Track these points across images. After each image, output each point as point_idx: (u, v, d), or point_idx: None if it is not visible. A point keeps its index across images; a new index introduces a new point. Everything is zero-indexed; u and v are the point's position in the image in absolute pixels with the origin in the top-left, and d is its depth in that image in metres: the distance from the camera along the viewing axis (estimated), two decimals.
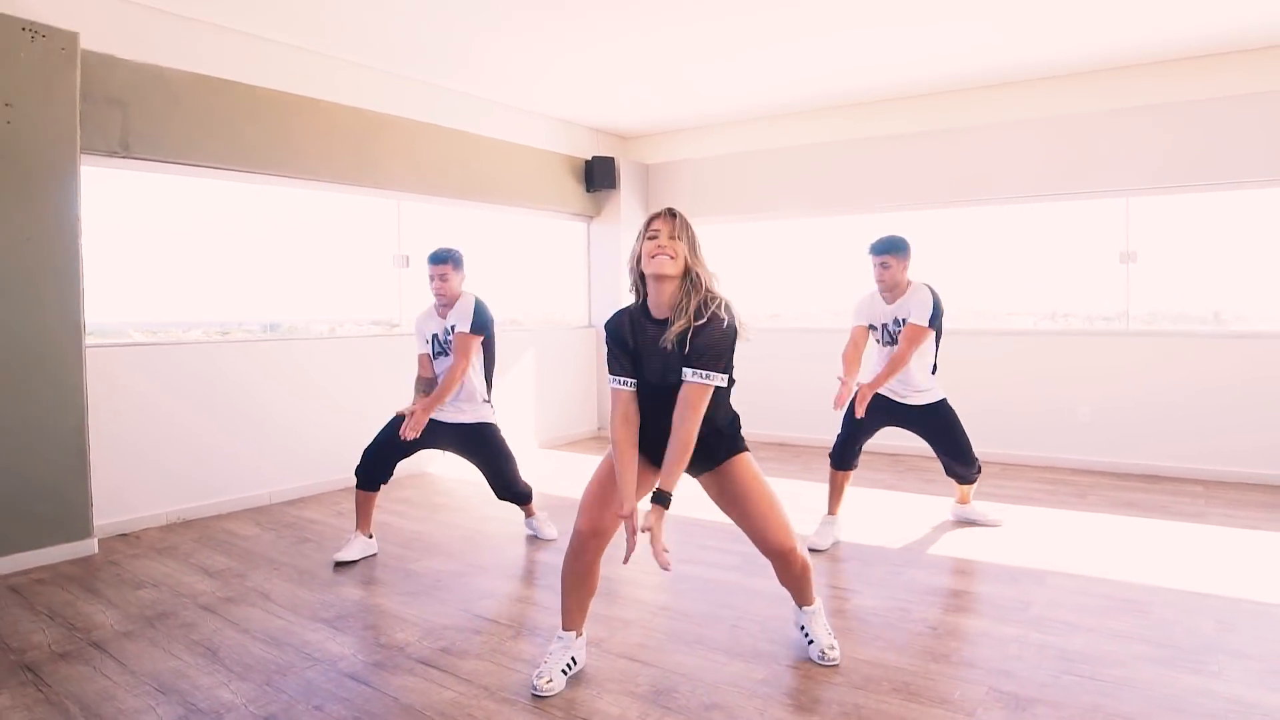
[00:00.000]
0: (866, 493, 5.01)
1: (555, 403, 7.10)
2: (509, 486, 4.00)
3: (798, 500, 4.57)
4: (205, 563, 3.80)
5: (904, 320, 3.91)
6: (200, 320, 4.96)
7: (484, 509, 4.84)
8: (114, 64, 4.19)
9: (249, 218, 5.11)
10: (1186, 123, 5.35)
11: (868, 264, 4.01)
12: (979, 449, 5.82)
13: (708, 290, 2.41)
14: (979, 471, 4.20)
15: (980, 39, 5.09)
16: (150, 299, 4.68)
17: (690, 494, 2.76)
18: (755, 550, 2.64)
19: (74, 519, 3.86)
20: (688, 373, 2.36)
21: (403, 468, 3.99)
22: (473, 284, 4.00)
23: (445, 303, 3.89)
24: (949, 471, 4.18)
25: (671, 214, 2.45)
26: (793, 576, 2.63)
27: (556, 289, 7.56)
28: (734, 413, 2.63)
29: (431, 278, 3.86)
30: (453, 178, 6.09)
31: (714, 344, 2.36)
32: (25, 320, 3.70)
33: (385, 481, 3.86)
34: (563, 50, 5.26)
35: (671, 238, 2.40)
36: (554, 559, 3.87)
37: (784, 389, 6.58)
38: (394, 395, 4.27)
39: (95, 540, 3.94)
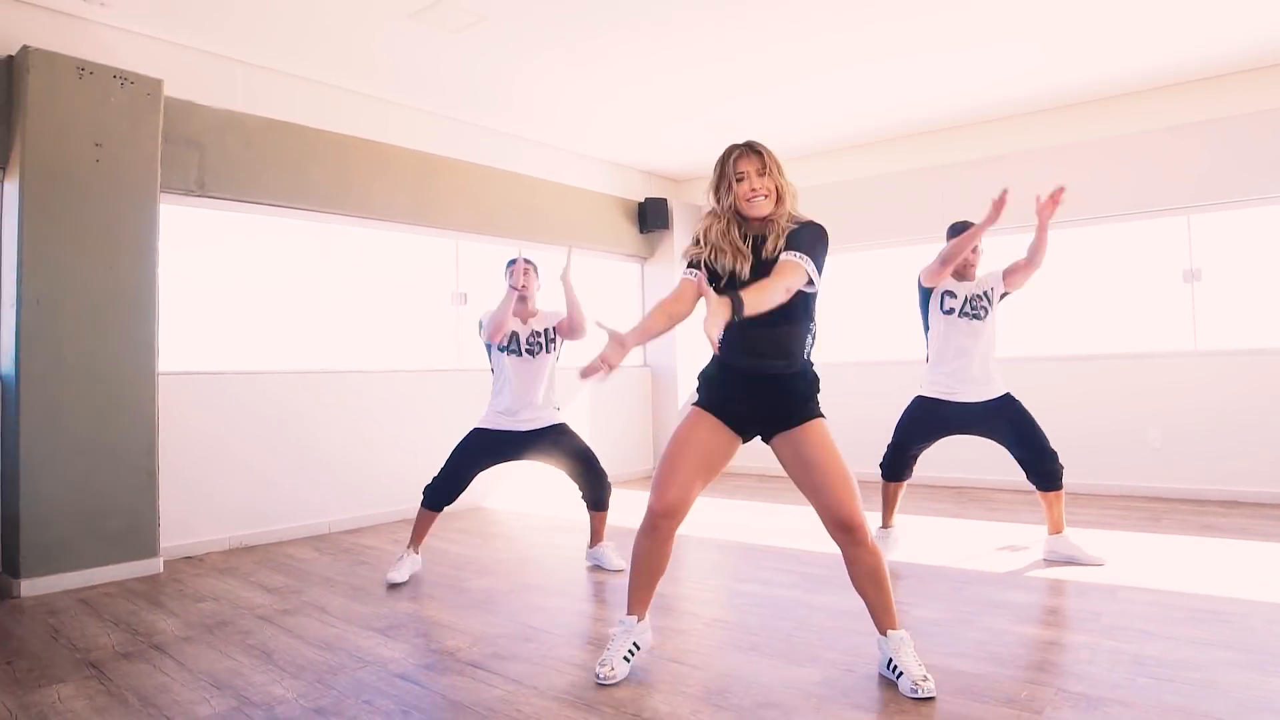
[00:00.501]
0: (927, 520, 4.87)
1: (611, 442, 7.09)
2: (600, 479, 3.96)
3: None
4: (264, 581, 3.86)
5: (989, 297, 3.80)
6: (262, 358, 5.11)
7: (537, 537, 4.84)
8: (193, 109, 4.47)
9: (314, 258, 5.32)
10: (1242, 137, 5.23)
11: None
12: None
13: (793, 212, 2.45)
14: (1062, 468, 3.80)
15: (1029, 63, 5.11)
16: (215, 335, 4.86)
17: (748, 520, 2.73)
18: (814, 569, 2.59)
19: (142, 538, 3.98)
20: (785, 254, 2.32)
21: (459, 501, 4.01)
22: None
23: (524, 303, 3.93)
24: (1033, 473, 3.77)
25: (753, 149, 2.43)
26: (865, 569, 2.39)
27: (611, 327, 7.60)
28: (816, 372, 2.54)
29: (518, 272, 3.86)
30: (510, 218, 6.25)
31: (811, 239, 2.35)
32: (105, 345, 3.90)
33: (450, 502, 3.89)
34: (608, 86, 5.42)
35: (761, 174, 2.39)
36: (608, 578, 3.84)
37: (853, 423, 6.43)
38: (451, 430, 4.34)
39: (161, 560, 4.05)
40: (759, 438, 2.56)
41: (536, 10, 4.23)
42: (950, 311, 3.79)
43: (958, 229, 3.80)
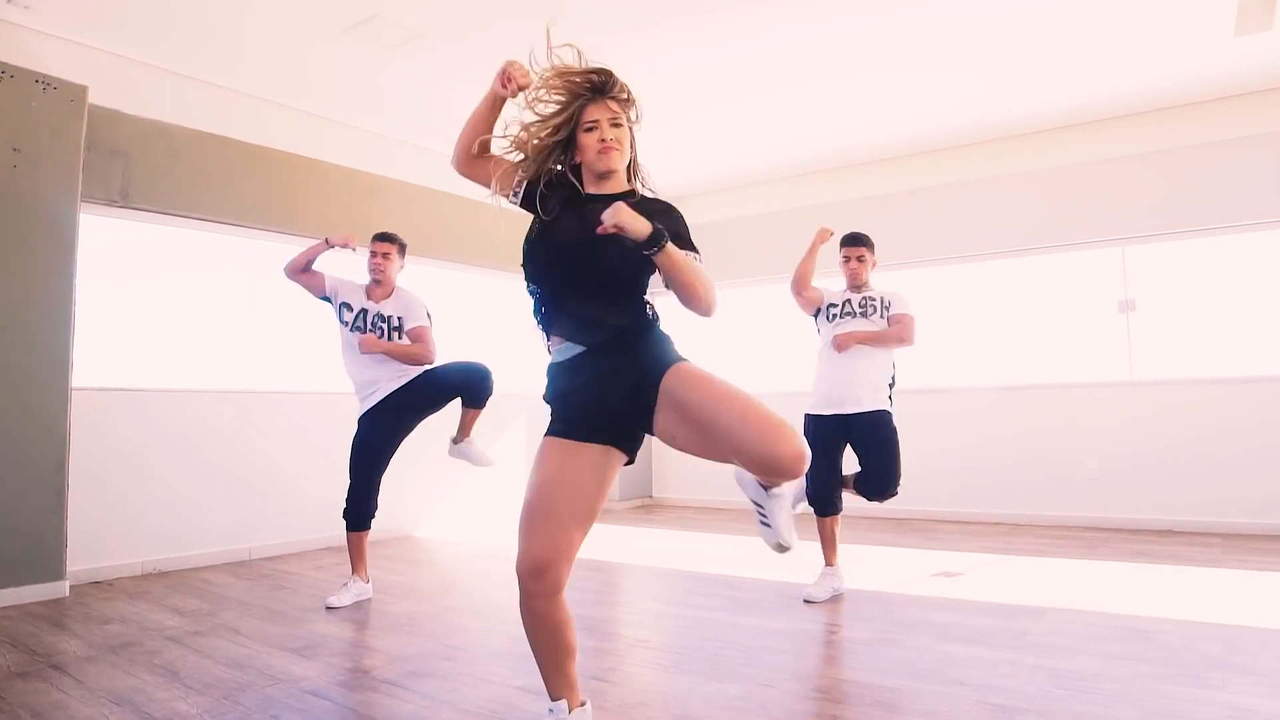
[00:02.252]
0: (865, 549, 4.87)
1: None
2: (475, 375, 3.78)
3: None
4: (177, 604, 3.70)
5: (883, 303, 3.84)
6: (185, 376, 4.95)
7: (465, 564, 4.74)
8: (118, 118, 4.36)
9: (241, 274, 5.20)
10: (1177, 169, 5.42)
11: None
12: (981, 510, 5.73)
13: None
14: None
15: (965, 94, 5.26)
16: (137, 352, 4.70)
17: (682, 548, 2.69)
18: (744, 594, 2.51)
19: (47, 560, 3.78)
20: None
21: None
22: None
23: (379, 284, 3.88)
24: (869, 491, 3.76)
25: (603, 85, 1.95)
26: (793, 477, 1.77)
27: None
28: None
29: (373, 253, 3.84)
30: (445, 238, 6.12)
31: (684, 230, 1.93)
32: (14, 357, 3.74)
33: (370, 513, 3.75)
34: None
35: (616, 125, 1.94)
36: None
37: None
38: None
39: (67, 584, 3.85)
40: (638, 431, 1.95)
41: (473, 30, 4.25)
42: (832, 319, 3.90)
43: (842, 240, 3.99)
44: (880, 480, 3.71)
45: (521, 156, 2.02)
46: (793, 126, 5.84)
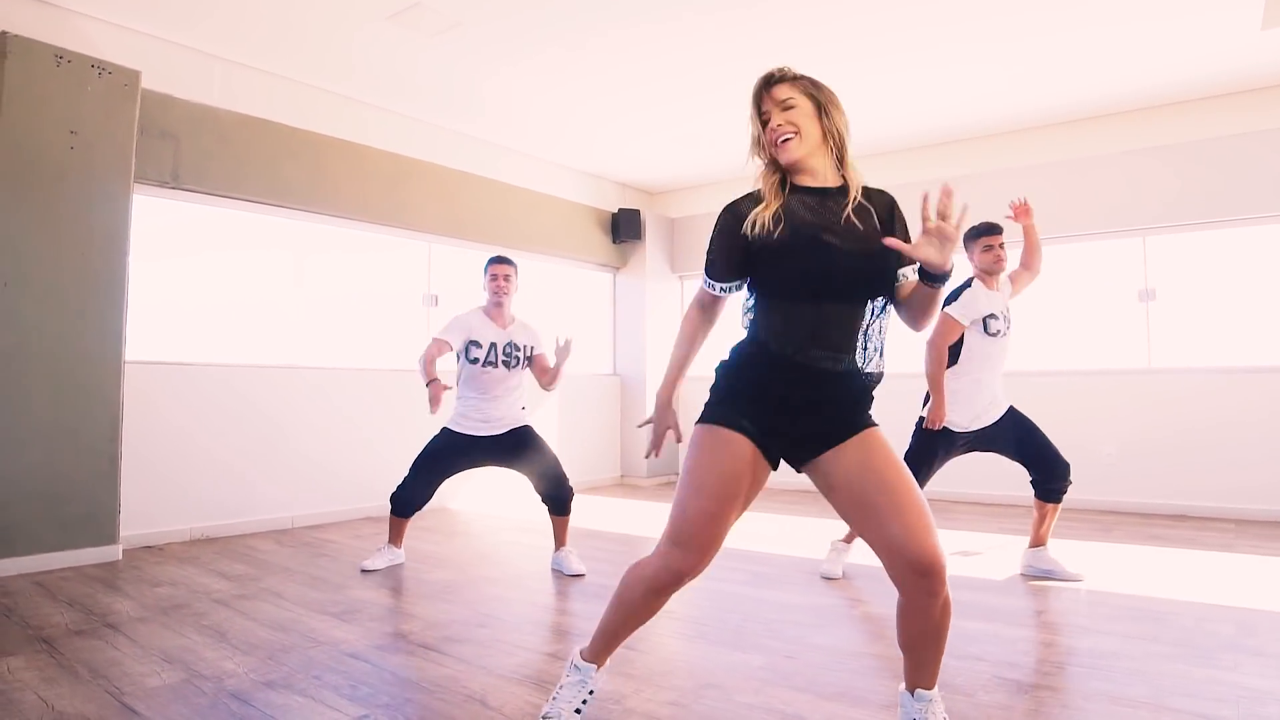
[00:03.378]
0: None
1: (579, 449, 7.15)
2: (561, 481, 3.92)
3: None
4: (224, 569, 3.87)
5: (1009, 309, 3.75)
6: (231, 351, 5.13)
7: (500, 535, 4.87)
8: (169, 102, 4.52)
9: (287, 254, 5.36)
10: (1197, 161, 5.43)
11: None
12: (1002, 493, 5.77)
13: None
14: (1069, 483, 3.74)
15: (990, 87, 5.28)
16: (188, 327, 4.88)
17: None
18: (767, 569, 2.57)
19: (101, 525, 3.97)
20: (908, 271, 1.80)
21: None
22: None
23: (500, 307, 3.92)
24: (1042, 487, 3.72)
25: (773, 80, 1.89)
26: (932, 623, 1.75)
27: (582, 337, 7.68)
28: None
29: (494, 277, 3.89)
30: (481, 223, 6.32)
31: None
32: (72, 330, 3.91)
33: (417, 509, 3.93)
34: (582, 97, 5.53)
35: (786, 108, 1.86)
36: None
37: None
38: (418, 431, 4.38)
39: (120, 547, 4.05)
40: (787, 461, 1.90)
41: (511, 19, 4.34)
42: (997, 334, 3.71)
43: (979, 230, 3.74)
44: (1055, 462, 3.69)
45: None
46: None
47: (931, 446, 3.63)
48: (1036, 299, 6.13)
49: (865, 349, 1.83)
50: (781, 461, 1.90)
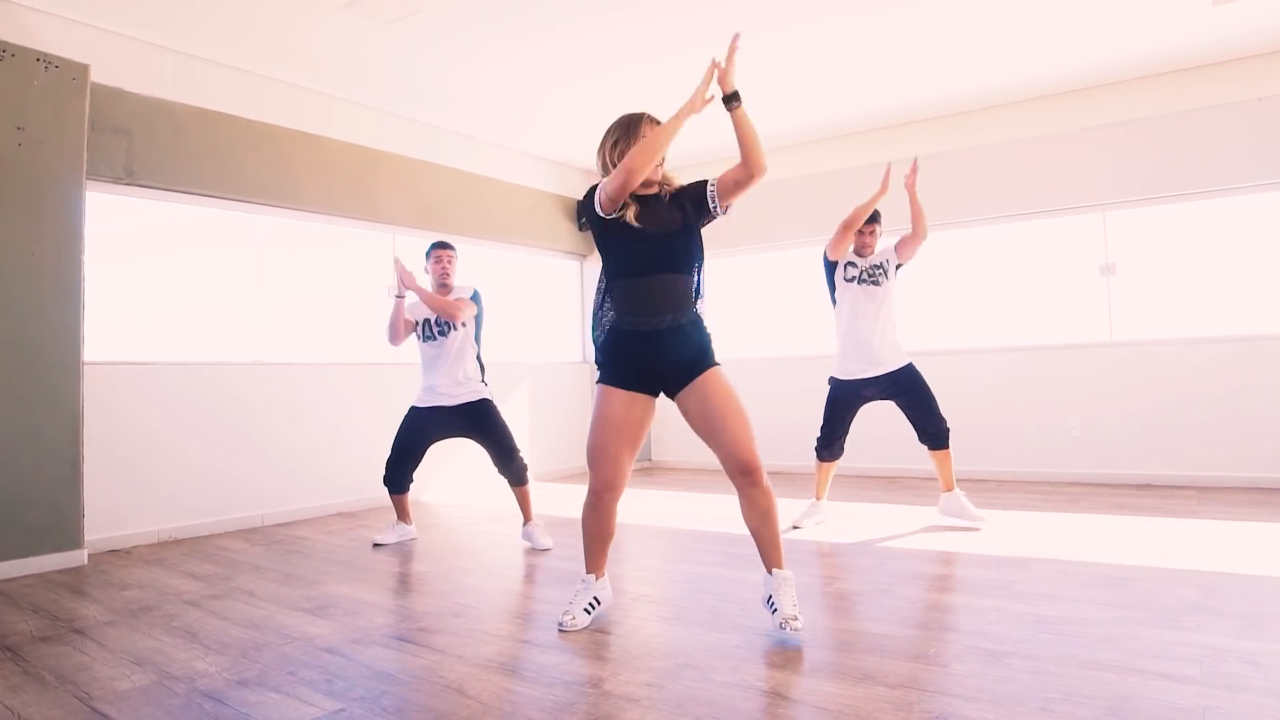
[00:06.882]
0: (857, 505, 5.01)
1: (550, 437, 7.13)
2: (512, 455, 4.17)
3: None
4: (193, 570, 3.82)
5: (889, 264, 4.26)
6: (195, 349, 5.05)
7: (474, 526, 4.85)
8: (121, 96, 4.41)
9: (249, 249, 5.27)
10: (1155, 136, 5.51)
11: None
12: (970, 467, 5.87)
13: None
14: (949, 430, 4.22)
15: (950, 66, 5.31)
16: (149, 326, 4.79)
17: (682, 508, 2.79)
18: (743, 550, 2.70)
19: (65, 530, 3.89)
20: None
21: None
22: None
23: (445, 287, 4.23)
24: (924, 435, 4.22)
25: (655, 120, 2.92)
26: (760, 509, 2.61)
27: (550, 326, 7.67)
28: (706, 325, 2.77)
29: (439, 259, 4.22)
30: (447, 213, 6.27)
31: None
32: (26, 333, 3.82)
33: (409, 477, 4.25)
34: (546, 86, 5.49)
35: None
36: (539, 559, 3.88)
37: (788, 418, 6.58)
38: (388, 423, 4.36)
39: (85, 552, 3.97)
40: (664, 394, 2.73)
41: (469, 5, 4.28)
42: (852, 280, 4.24)
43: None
44: (935, 421, 4.16)
45: None
46: (784, 100, 5.88)
47: (834, 396, 4.30)
48: (999, 276, 6.22)
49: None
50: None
